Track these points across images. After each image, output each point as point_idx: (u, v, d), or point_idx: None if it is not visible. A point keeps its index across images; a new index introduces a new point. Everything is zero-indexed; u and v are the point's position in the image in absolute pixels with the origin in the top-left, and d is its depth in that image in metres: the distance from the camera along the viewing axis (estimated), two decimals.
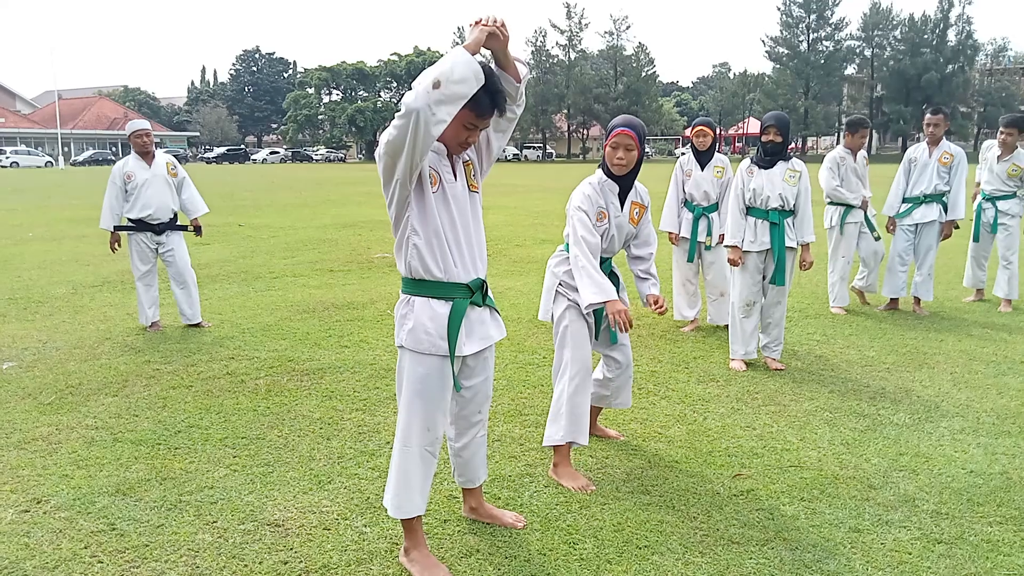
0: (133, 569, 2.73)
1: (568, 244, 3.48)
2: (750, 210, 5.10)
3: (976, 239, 7.19)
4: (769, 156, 5.05)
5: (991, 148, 7.20)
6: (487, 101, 2.46)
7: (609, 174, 3.43)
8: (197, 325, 6.27)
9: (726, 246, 5.28)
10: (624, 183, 3.45)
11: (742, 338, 5.18)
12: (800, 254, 5.11)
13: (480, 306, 2.71)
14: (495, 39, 2.40)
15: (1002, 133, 6.97)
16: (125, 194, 6.06)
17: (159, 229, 6.11)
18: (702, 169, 6.04)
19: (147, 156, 6.12)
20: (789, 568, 2.74)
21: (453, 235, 2.59)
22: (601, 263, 3.42)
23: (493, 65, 2.54)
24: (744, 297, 5.16)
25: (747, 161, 5.18)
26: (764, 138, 5.06)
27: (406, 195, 2.50)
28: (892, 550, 2.86)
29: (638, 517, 3.09)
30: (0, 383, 4.83)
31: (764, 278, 5.15)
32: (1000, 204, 7.04)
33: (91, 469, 3.54)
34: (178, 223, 6.27)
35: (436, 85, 2.25)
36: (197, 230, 6.45)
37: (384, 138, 2.38)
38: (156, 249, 6.18)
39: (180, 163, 6.43)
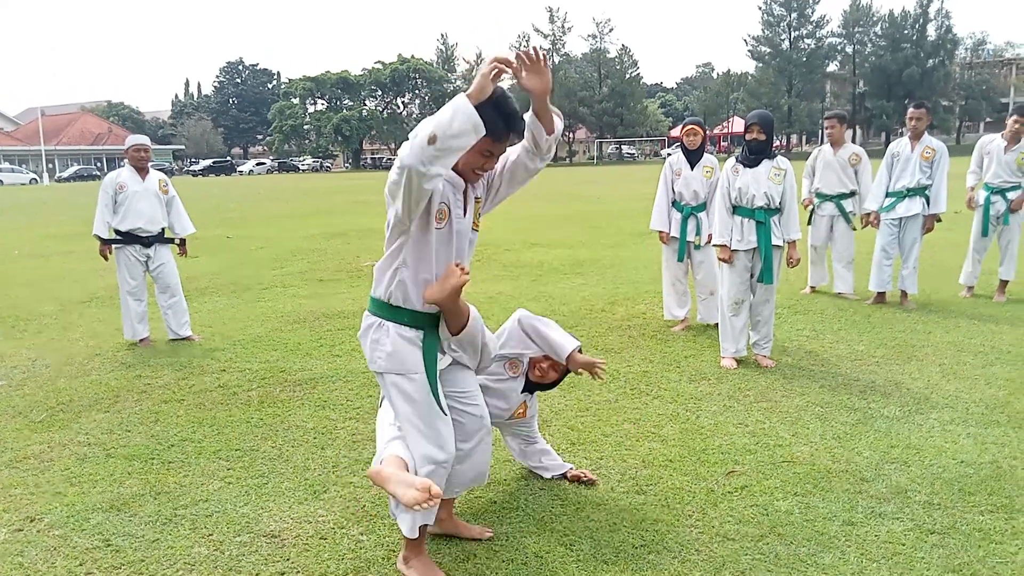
0: None
1: None
2: (736, 209, 5.12)
3: (985, 233, 7.12)
4: (754, 155, 5.08)
5: (993, 141, 7.19)
6: (501, 125, 2.42)
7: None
8: (187, 339, 6.25)
9: (715, 245, 5.31)
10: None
11: (732, 336, 5.21)
12: (787, 251, 5.14)
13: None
14: (536, 77, 2.38)
15: (1016, 122, 6.89)
16: (115, 204, 6.04)
17: (148, 241, 6.11)
18: (692, 168, 6.06)
19: (142, 171, 6.13)
20: (785, 563, 2.76)
21: (442, 270, 2.57)
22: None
23: (530, 110, 2.52)
24: (733, 295, 5.19)
25: (732, 160, 5.21)
26: (748, 136, 5.10)
27: (403, 229, 2.48)
28: (886, 542, 2.89)
29: (633, 517, 3.11)
30: None
31: (752, 276, 5.18)
32: (1011, 195, 6.98)
33: (84, 486, 3.52)
34: (166, 237, 6.28)
35: (432, 140, 2.19)
36: (182, 245, 6.44)
37: (388, 178, 2.37)
38: (146, 263, 6.17)
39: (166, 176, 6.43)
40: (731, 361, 5.19)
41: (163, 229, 6.23)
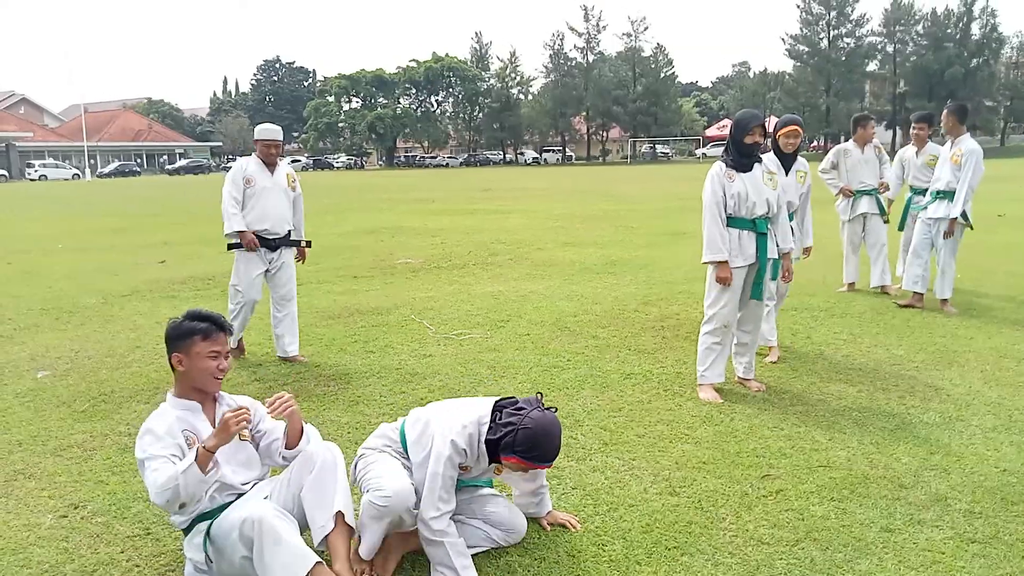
0: (169, 572, 2.78)
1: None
2: (731, 220, 4.47)
3: None
4: (748, 158, 4.44)
5: None
6: (206, 327, 2.76)
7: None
8: (293, 359, 5.47)
9: (707, 262, 4.50)
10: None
11: (717, 360, 4.59)
12: (783, 263, 4.68)
13: None
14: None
15: None
16: (243, 197, 5.30)
17: (275, 244, 5.40)
18: (787, 174, 5.25)
19: (271, 165, 5.47)
20: (820, 568, 2.73)
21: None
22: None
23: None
24: (724, 318, 4.52)
25: (721, 165, 4.48)
26: (748, 140, 4.39)
27: None
28: (925, 550, 2.84)
29: (666, 518, 3.09)
30: (35, 391, 4.93)
31: (745, 294, 4.57)
32: None
33: (125, 475, 3.60)
34: (292, 238, 5.56)
35: (181, 507, 2.52)
36: (300, 250, 5.65)
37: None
38: (267, 268, 5.44)
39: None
40: (711, 392, 4.55)
41: (289, 231, 5.52)
